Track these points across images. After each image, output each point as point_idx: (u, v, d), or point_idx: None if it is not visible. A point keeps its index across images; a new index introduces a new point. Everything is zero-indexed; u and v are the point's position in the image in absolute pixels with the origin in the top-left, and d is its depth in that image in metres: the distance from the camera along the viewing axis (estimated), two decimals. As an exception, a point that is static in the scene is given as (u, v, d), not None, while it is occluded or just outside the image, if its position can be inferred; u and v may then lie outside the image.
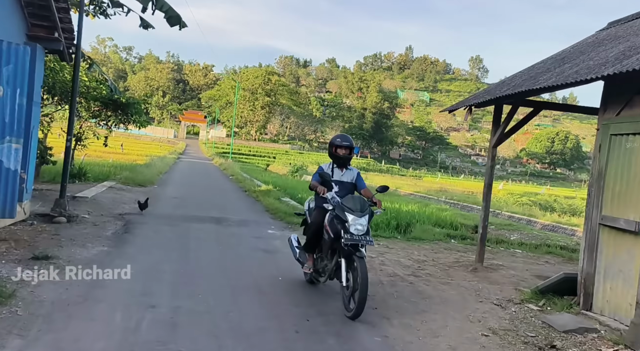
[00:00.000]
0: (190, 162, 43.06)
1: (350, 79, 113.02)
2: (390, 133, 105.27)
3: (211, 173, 29.77)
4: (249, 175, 25.01)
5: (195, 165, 39.30)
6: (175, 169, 28.95)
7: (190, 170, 31.12)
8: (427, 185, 54.60)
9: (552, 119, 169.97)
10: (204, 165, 39.24)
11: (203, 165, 40.37)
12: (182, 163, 37.74)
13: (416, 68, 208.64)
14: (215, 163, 41.60)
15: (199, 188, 17.97)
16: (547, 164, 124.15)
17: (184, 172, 28.04)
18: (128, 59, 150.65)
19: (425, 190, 41.90)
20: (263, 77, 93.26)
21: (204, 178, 25.33)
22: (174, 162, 36.60)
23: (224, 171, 31.11)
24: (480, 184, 58.21)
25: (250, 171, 32.74)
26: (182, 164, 36.38)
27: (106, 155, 44.50)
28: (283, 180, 23.60)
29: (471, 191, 53.17)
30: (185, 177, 23.56)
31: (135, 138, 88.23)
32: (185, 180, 22.04)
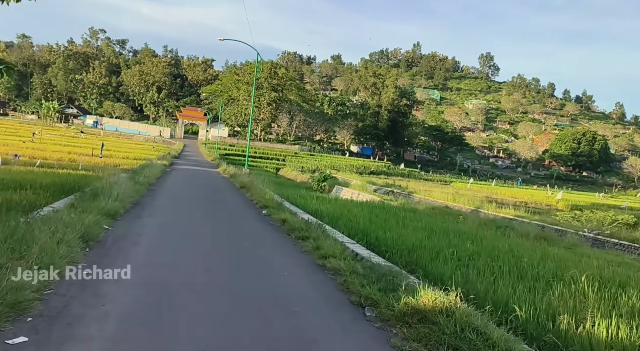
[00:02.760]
0: (187, 171, 30.52)
1: (363, 73, 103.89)
2: (407, 132, 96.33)
3: (225, 199, 16.87)
4: (297, 205, 13.79)
5: (196, 177, 27.09)
6: (163, 187, 17.81)
7: (187, 190, 19.21)
8: (465, 192, 45.69)
9: (569, 119, 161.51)
10: (207, 177, 26.98)
11: (206, 176, 27.82)
12: (175, 174, 25.60)
13: (424, 65, 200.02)
14: (223, 173, 29.27)
15: (218, 273, 6.63)
16: (572, 167, 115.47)
17: (175, 196, 16.16)
18: (122, 53, 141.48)
19: (478, 202, 33.05)
20: (269, 70, 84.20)
21: (213, 213, 13.02)
22: (164, 170, 25.50)
23: (242, 190, 19.24)
24: (529, 192, 48.80)
25: (279, 187, 21.33)
26: (175, 176, 24.64)
27: (80, 158, 35.54)
28: (339, 207, 14.36)
29: (538, 202, 44.44)
30: (177, 210, 12.62)
31: (127, 138, 79.35)
32: (177, 220, 11.08)
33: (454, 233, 9.94)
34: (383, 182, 40.12)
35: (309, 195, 20.01)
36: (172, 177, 23.40)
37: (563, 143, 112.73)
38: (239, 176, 23.16)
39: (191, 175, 27.71)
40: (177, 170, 29.83)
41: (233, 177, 24.24)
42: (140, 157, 40.31)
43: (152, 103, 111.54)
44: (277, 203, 12.94)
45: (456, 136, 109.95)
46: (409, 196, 29.15)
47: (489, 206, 21.83)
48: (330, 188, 31.33)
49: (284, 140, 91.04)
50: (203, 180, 24.77)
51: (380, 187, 36.20)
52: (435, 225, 11.30)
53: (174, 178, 23.02)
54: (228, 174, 26.98)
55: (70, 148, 41.31)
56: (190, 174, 28.15)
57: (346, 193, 27.01)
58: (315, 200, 15.36)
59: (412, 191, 30.71)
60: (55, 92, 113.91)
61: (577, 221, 27.53)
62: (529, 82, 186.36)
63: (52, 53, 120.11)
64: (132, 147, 53.08)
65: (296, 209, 12.24)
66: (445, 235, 9.57)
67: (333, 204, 14.80)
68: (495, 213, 19.67)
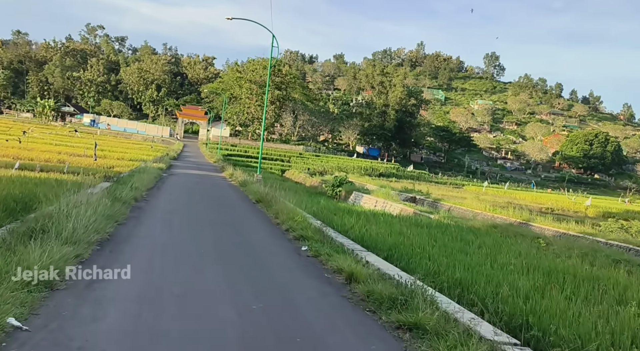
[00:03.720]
0: (187, 177, 25.86)
1: (371, 71, 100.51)
2: (415, 133, 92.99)
3: (241, 224, 12.11)
4: (334, 225, 10.45)
5: (197, 186, 22.14)
6: (155, 204, 13.14)
7: (187, 209, 13.78)
8: (485, 197, 42.35)
9: (578, 120, 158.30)
10: (212, 186, 22.39)
11: (211, 185, 23.19)
12: (172, 183, 20.89)
13: (428, 65, 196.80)
14: (230, 180, 25.01)
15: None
16: (583, 169, 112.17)
17: (169, 222, 11.09)
18: (122, 51, 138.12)
19: (524, 213, 29.73)
20: (272, 67, 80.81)
21: (228, 256, 8.20)
22: (159, 177, 21.05)
23: (259, 206, 14.85)
24: (550, 196, 45.52)
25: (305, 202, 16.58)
26: (172, 185, 20.10)
27: (71, 159, 32.28)
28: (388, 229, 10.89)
29: (565, 208, 41.16)
30: (168, 255, 7.67)
31: (125, 138, 76.09)
32: (168, 282, 6.04)
33: (585, 280, 6.69)
34: (401, 187, 36.87)
35: (332, 205, 16.70)
36: (167, 187, 18.73)
37: (574, 144, 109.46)
38: (250, 184, 19.35)
39: (192, 183, 22.96)
40: (175, 175, 25.12)
41: (243, 186, 20.05)
42: (136, 158, 37.11)
43: (151, 102, 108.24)
44: (316, 229, 9.29)
45: (464, 137, 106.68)
46: (436, 204, 25.89)
47: (539, 218, 18.53)
48: (347, 195, 28.06)
49: (288, 140, 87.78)
50: (207, 191, 19.95)
51: (399, 192, 32.91)
52: (531, 259, 8.04)
53: (170, 189, 18.44)
54: (236, 181, 22.89)
55: (62, 149, 38.04)
56: (191, 182, 23.46)
57: (368, 201, 23.75)
58: (348, 216, 12.01)
59: (438, 198, 27.42)
60: (52, 90, 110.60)
61: (625, 232, 24.33)
62: (535, 82, 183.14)
63: (49, 50, 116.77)
64: (129, 147, 49.88)
65: (345, 239, 8.81)
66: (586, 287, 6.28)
67: (373, 222, 11.45)
68: (556, 229, 16.37)
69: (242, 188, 20.20)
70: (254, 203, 16.00)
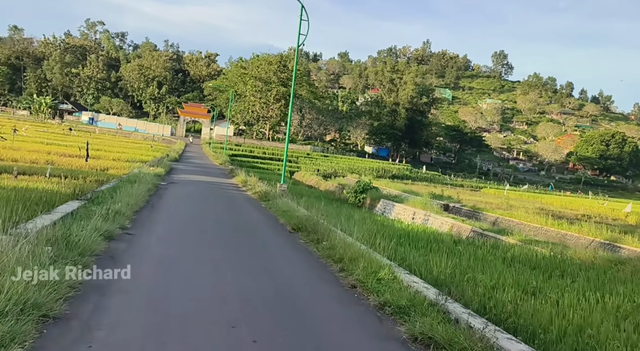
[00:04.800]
0: (191, 185, 20.96)
1: (381, 68, 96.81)
2: (426, 133, 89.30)
3: (291, 289, 6.74)
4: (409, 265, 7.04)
5: (205, 201, 17.00)
6: (149, 234, 9.23)
7: (194, 246, 8.95)
8: (514, 203, 38.68)
9: (589, 120, 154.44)
10: (225, 201, 17.43)
11: (224, 198, 18.26)
12: (172, 196, 16.31)
13: (435, 64, 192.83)
14: (243, 188, 20.65)
15: None
16: (598, 170, 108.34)
17: (165, 282, 6.29)
18: (122, 47, 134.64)
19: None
20: (278, 63, 77.32)
21: None
22: (156, 187, 16.84)
23: (299, 237, 10.47)
24: (582, 201, 41.79)
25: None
26: (171, 199, 15.61)
27: (61, 159, 28.84)
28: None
29: (602, 215, 37.52)
30: None
31: (125, 136, 72.63)
32: None
33: None
34: (426, 191, 33.26)
35: (378, 224, 13.11)
36: (165, 206, 13.69)
37: (590, 145, 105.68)
38: (275, 198, 15.28)
39: (198, 196, 17.70)
40: (177, 184, 20.15)
41: (265, 200, 15.73)
42: (134, 158, 33.65)
43: (152, 100, 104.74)
44: (423, 300, 5.36)
45: (476, 137, 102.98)
46: (477, 214, 22.32)
47: (627, 238, 14.92)
48: (373, 202, 24.48)
49: (294, 140, 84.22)
50: (220, 212, 14.46)
51: (427, 197, 29.27)
52: None
53: (168, 210, 13.29)
54: (253, 191, 18.40)
55: (53, 148, 34.52)
56: (197, 194, 18.27)
57: (402, 211, 20.19)
58: (414, 249, 8.38)
59: (478, 207, 23.80)
60: (50, 87, 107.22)
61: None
62: (545, 81, 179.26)
63: (48, 46, 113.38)
64: (127, 147, 46.44)
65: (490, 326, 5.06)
66: None
67: (455, 257, 7.84)
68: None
69: (263, 203, 15.66)
70: (290, 232, 11.21)
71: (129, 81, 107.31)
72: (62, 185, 15.00)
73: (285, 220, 12.55)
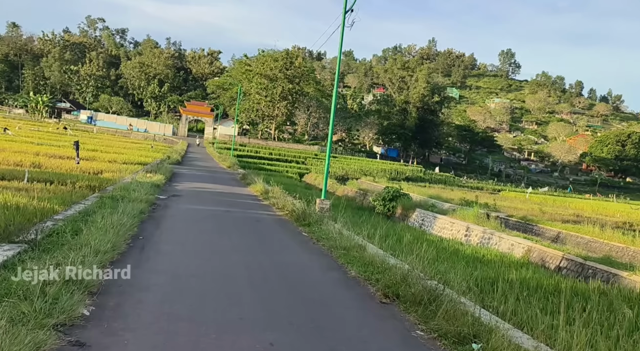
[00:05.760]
0: (199, 198, 16.85)
1: (391, 65, 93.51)
2: (437, 133, 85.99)
3: None
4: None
5: (220, 221, 12.63)
6: (136, 310, 5.14)
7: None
8: (548, 209, 35.33)
9: (600, 120, 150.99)
10: (250, 228, 12.03)
11: (246, 223, 12.73)
12: (174, 219, 11.90)
13: (441, 62, 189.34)
14: (265, 202, 16.44)
15: None
16: (614, 172, 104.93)
17: None
18: (123, 45, 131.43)
19: (613, 232, 22.73)
20: (284, 59, 74.10)
21: None
22: (150, 206, 12.48)
23: (411, 322, 5.80)
24: (602, 204, 37.99)
25: None
26: (173, 226, 11.03)
27: (50, 161, 25.80)
28: None
29: None
30: None
31: (124, 136, 69.52)
32: None
33: None
34: (457, 197, 30.04)
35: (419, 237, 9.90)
36: (163, 240, 9.21)
37: (605, 145, 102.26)
38: (319, 223, 10.80)
39: (210, 219, 12.66)
40: (180, 198, 15.76)
41: (305, 223, 11.43)
42: (131, 160, 30.52)
43: (153, 98, 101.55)
44: None
45: (487, 137, 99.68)
46: (532, 228, 19.05)
47: None
48: (406, 212, 21.20)
49: (300, 140, 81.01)
50: (249, 253, 9.21)
51: (459, 205, 26.02)
52: None
53: (167, 248, 8.61)
54: (280, 207, 13.99)
55: (43, 149, 31.36)
56: (207, 215, 13.15)
57: (448, 226, 16.93)
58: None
59: (530, 218, 20.52)
60: (49, 85, 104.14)
61: None
62: (553, 80, 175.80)
63: (47, 43, 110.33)
64: (126, 147, 43.31)
65: None
66: None
67: None
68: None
69: (304, 230, 11.07)
70: (382, 303, 6.47)
71: (129, 79, 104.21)
72: (35, 195, 11.77)
73: (358, 270, 7.86)
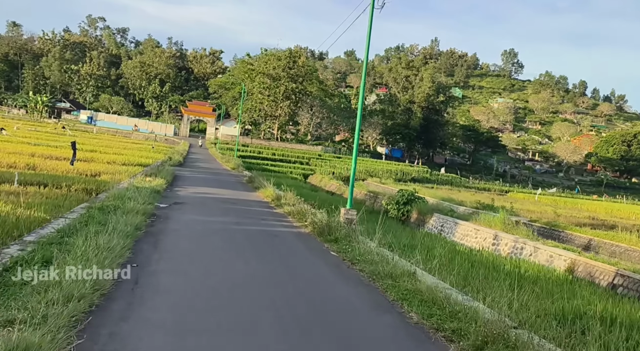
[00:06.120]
0: (202, 204, 15.33)
1: (395, 64, 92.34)
2: (442, 133, 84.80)
3: None
4: None
5: (231, 239, 10.42)
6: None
7: None
8: (563, 211, 34.15)
9: (604, 120, 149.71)
10: (268, 247, 9.91)
11: (259, 236, 11.00)
12: (175, 231, 10.15)
13: (443, 62, 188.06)
14: (277, 209, 15.14)
15: None
16: (619, 172, 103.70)
17: None
18: (124, 44, 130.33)
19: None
20: (287, 58, 72.94)
21: None
22: (147, 218, 10.49)
23: None
24: (623, 206, 36.68)
25: None
26: (175, 239, 9.51)
27: (46, 163, 24.69)
28: None
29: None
30: None
31: (125, 136, 68.40)
32: None
33: None
34: (470, 200, 28.88)
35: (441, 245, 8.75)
36: (163, 269, 7.19)
37: (610, 146, 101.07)
38: (349, 240, 9.40)
39: (219, 233, 10.80)
40: (182, 206, 14.02)
41: (332, 240, 9.82)
42: (131, 161, 29.40)
43: (154, 98, 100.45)
44: None
45: (492, 137, 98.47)
46: (556, 233, 17.87)
47: None
48: (422, 217, 20.03)
49: (303, 140, 79.83)
50: (273, 286, 7.11)
51: (475, 209, 24.90)
52: None
53: (169, 280, 6.67)
54: (295, 216, 12.64)
55: (39, 149, 30.24)
56: (216, 229, 11.21)
57: (470, 232, 15.74)
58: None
59: (555, 224, 19.34)
60: (49, 85, 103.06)
61: None
62: (557, 80, 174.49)
63: (47, 42, 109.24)
64: (126, 148, 42.16)
65: None
66: None
67: None
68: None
69: (331, 248, 9.38)
70: None
71: (130, 79, 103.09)
72: (21, 201, 10.57)
73: (419, 311, 6.14)
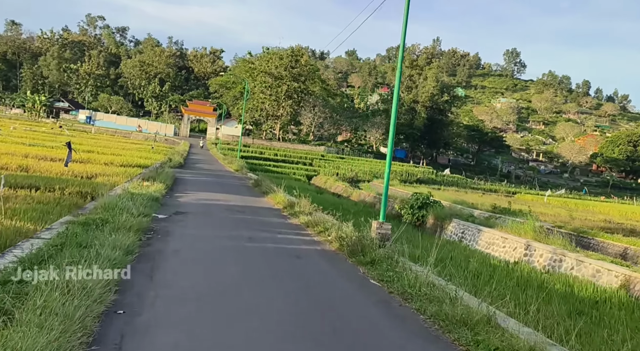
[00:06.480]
0: (205, 214, 13.35)
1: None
2: (447, 133, 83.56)
3: None
4: None
5: (247, 263, 8.22)
6: None
7: None
8: (578, 214, 32.85)
9: (608, 120, 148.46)
10: (293, 277, 7.65)
11: (278, 257, 8.97)
12: (175, 253, 8.09)
13: (445, 62, 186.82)
14: (291, 218, 13.63)
15: None
16: (625, 173, 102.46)
17: None
18: (124, 43, 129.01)
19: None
20: (289, 57, 71.69)
21: None
22: (143, 235, 8.67)
23: None
24: (629, 208, 35.28)
25: None
26: (175, 266, 7.37)
27: (39, 164, 23.49)
28: None
29: None
30: None
31: (124, 136, 67.17)
32: None
33: None
34: (482, 202, 27.56)
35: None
36: (156, 322, 4.94)
37: (616, 146, 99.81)
38: (390, 263, 7.67)
39: (230, 254, 8.78)
40: (184, 216, 12.24)
41: (368, 262, 8.17)
42: (130, 162, 28.06)
43: (153, 98, 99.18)
44: None
45: (496, 137, 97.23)
46: (584, 240, 16.60)
47: None
48: (440, 223, 18.72)
49: (306, 140, 78.56)
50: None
51: (492, 213, 23.69)
52: None
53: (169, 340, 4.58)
54: (314, 227, 11.27)
55: (34, 150, 28.89)
56: (226, 247, 9.25)
57: (496, 241, 14.46)
58: None
59: (583, 230, 18.03)
60: (47, 85, 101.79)
61: None
62: (560, 80, 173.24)
63: (45, 41, 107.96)
64: (125, 148, 40.86)
65: None
66: None
67: None
68: None
69: (364, 268, 8.03)
70: None
71: (129, 78, 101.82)
72: (3, 209, 9.27)
73: None
